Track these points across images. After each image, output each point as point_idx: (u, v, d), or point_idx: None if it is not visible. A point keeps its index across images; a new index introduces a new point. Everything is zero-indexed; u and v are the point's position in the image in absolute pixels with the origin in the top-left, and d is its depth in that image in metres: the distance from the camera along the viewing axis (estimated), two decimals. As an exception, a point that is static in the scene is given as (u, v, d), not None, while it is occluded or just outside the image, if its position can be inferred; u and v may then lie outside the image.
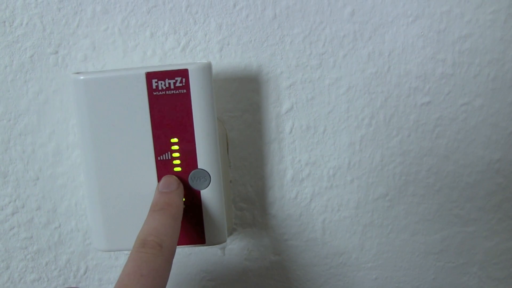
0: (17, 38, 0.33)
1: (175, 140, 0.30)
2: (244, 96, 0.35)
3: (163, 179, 0.30)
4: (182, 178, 0.31)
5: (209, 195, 0.31)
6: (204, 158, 0.30)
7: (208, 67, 0.29)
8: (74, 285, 0.39)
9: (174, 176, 0.30)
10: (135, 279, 0.23)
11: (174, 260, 0.39)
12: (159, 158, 0.30)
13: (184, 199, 0.31)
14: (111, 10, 0.33)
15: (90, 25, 0.33)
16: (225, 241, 0.32)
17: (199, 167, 0.30)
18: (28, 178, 0.36)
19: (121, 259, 0.38)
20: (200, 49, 0.34)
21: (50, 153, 0.35)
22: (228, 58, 0.34)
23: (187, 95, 0.29)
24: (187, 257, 0.39)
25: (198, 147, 0.30)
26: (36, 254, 0.38)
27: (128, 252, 0.36)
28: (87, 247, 0.38)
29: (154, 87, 0.29)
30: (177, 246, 0.32)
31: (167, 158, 0.30)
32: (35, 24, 0.33)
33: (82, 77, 0.29)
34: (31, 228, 0.37)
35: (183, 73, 0.29)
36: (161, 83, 0.29)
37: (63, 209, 0.37)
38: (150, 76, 0.29)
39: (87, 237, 0.37)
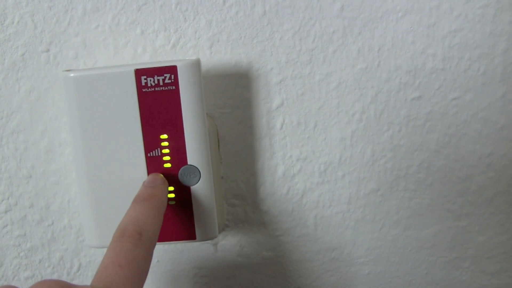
0: (8, 37, 0.33)
1: (164, 136, 0.30)
2: (235, 92, 0.35)
3: (149, 176, 0.30)
4: (172, 174, 0.31)
5: (200, 191, 0.31)
6: (194, 154, 0.30)
7: (196, 63, 0.29)
8: None
9: (160, 174, 0.30)
10: (113, 270, 0.22)
11: (167, 257, 0.39)
12: (149, 155, 0.30)
13: (174, 196, 0.31)
14: (101, 8, 0.33)
15: (81, 23, 0.33)
16: (216, 236, 0.33)
17: (189, 163, 0.31)
18: (20, 176, 0.36)
19: (115, 256, 0.38)
20: (190, 46, 0.34)
21: (42, 151, 0.36)
22: (218, 55, 0.34)
23: (176, 91, 0.29)
24: (180, 253, 0.39)
25: (188, 143, 0.30)
26: (29, 252, 0.38)
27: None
28: (80, 244, 0.38)
29: (143, 84, 0.29)
30: (168, 243, 0.32)
31: (157, 154, 0.30)
32: (26, 23, 0.33)
33: (72, 75, 0.29)
34: (24, 226, 0.37)
35: (172, 70, 0.29)
36: (150, 80, 0.29)
37: (56, 207, 0.37)
38: (139, 73, 0.29)
39: (80, 234, 0.37)
